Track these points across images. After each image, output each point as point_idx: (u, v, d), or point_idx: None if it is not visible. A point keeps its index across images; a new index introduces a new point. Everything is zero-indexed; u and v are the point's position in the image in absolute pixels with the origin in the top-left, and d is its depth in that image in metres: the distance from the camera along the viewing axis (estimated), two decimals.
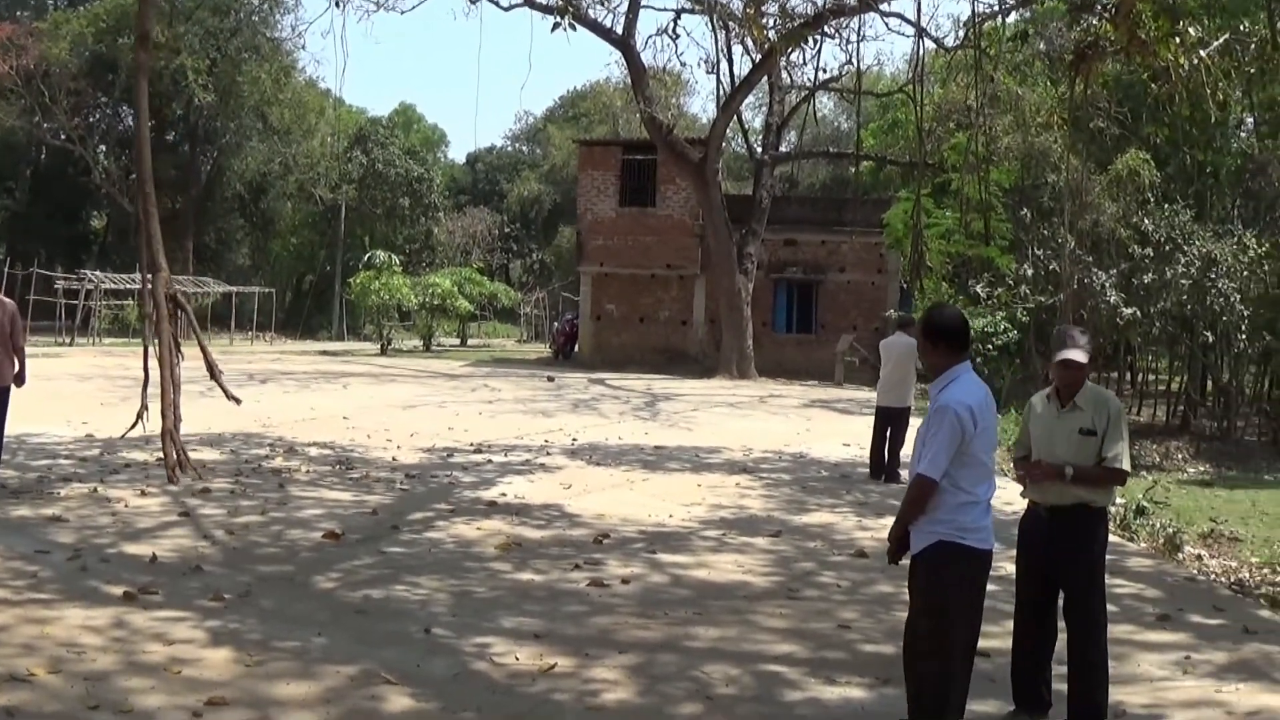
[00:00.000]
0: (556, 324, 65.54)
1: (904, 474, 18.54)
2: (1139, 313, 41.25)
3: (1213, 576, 17.10)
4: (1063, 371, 8.58)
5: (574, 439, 25.59)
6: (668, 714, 8.33)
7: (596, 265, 53.86)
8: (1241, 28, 23.02)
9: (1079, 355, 8.53)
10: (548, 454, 22.91)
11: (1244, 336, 44.76)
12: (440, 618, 10.57)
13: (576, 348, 56.53)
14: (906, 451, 18.41)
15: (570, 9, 33.65)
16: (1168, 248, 42.25)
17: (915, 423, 14.24)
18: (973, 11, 31.65)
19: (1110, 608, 12.59)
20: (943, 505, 7.38)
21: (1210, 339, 45.41)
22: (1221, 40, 22.69)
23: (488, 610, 10.90)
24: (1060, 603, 8.71)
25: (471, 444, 23.91)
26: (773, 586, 12.55)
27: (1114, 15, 19.19)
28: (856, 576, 13.22)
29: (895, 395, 21.55)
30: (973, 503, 7.42)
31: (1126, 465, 8.48)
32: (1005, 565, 10.12)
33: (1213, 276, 42.24)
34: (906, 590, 7.75)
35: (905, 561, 7.65)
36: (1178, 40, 20.54)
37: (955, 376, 7.57)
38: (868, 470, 21.65)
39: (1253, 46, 21.32)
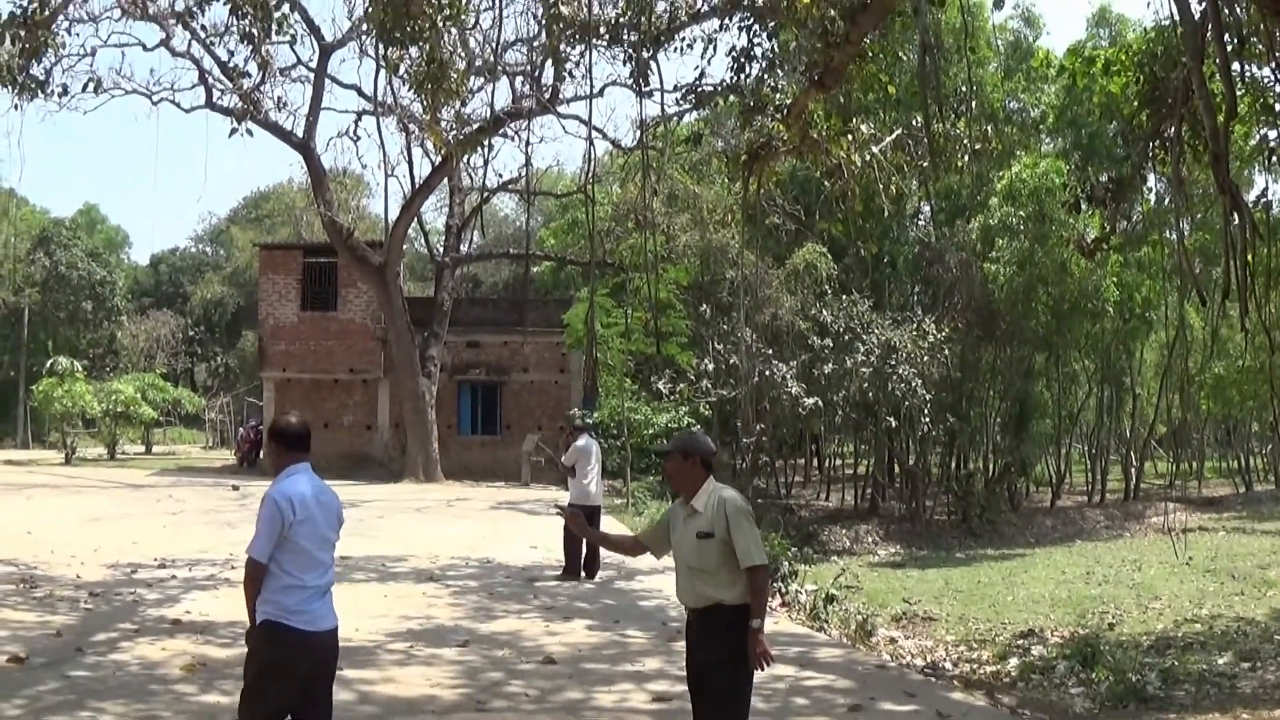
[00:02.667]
0: (241, 430, 64.01)
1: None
2: (820, 402, 41.72)
3: (907, 660, 17.09)
4: (664, 466, 9.03)
5: None
6: None
7: (279, 370, 52.74)
8: (914, 122, 23.35)
9: (674, 452, 8.70)
10: (232, 568, 21.89)
11: (928, 419, 45.69)
12: None
13: (262, 454, 55.19)
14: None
15: (249, 114, 32.86)
16: (847, 337, 42.96)
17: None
18: (640, 113, 31.74)
19: (800, 700, 12.36)
20: (269, 587, 8.11)
21: (894, 423, 46.28)
22: (893, 136, 22.99)
23: None
24: None
25: (156, 559, 23.07)
26: (461, 699, 12.31)
27: (786, 116, 19.22)
28: (545, 684, 13.04)
29: (598, 494, 22.49)
30: (298, 587, 8.13)
31: (759, 559, 8.35)
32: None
33: (893, 363, 43.04)
34: (596, 695, 7.80)
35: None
36: (850, 138, 20.75)
37: (291, 473, 8.42)
38: (558, 573, 21.94)
39: (925, 139, 21.58)
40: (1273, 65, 12.72)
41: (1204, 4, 10.79)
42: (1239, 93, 16.05)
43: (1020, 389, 53.60)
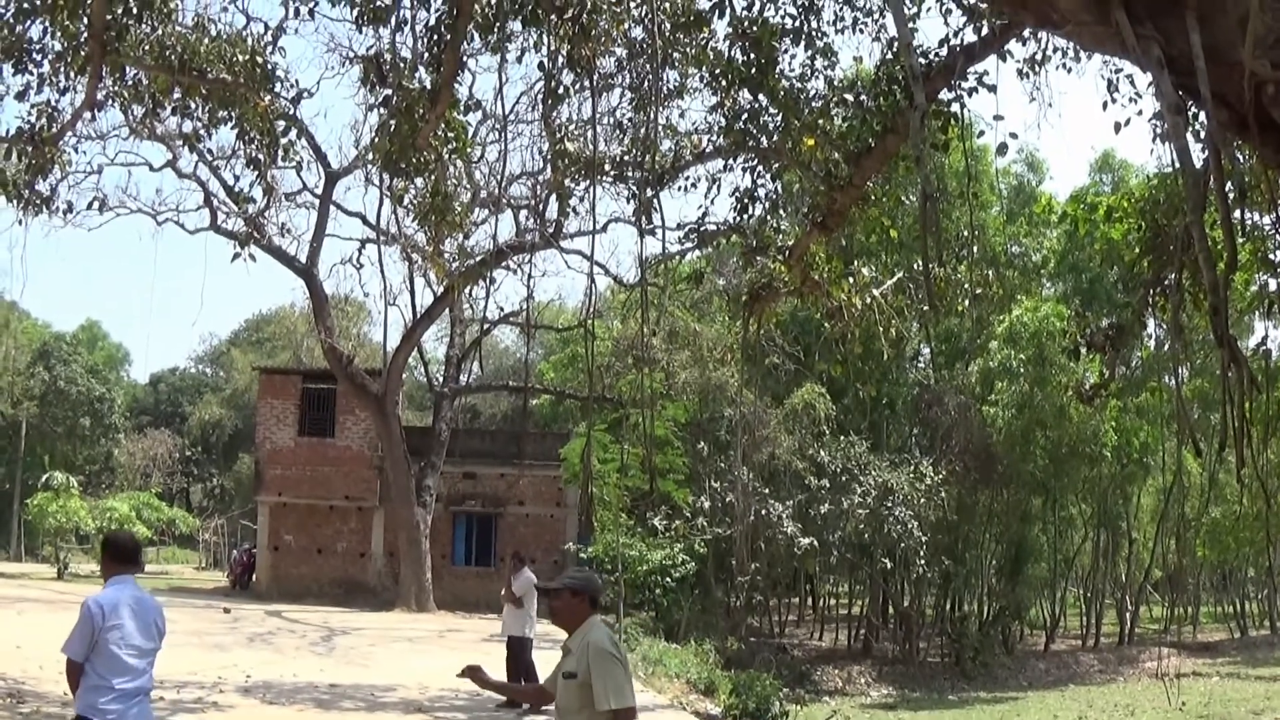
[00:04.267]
0: (235, 553, 63.72)
1: None
2: (816, 542, 41.66)
3: None
4: (550, 603, 8.82)
5: (248, 676, 24.51)
6: None
7: (275, 495, 52.51)
8: (915, 265, 23.49)
9: (563, 589, 8.65)
10: (220, 691, 21.98)
11: (923, 561, 45.60)
12: None
13: (255, 578, 54.87)
14: None
15: (252, 239, 33.02)
16: (844, 478, 42.98)
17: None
18: (641, 250, 31.89)
19: None
20: (83, 685, 8.90)
21: (889, 564, 46.18)
22: (894, 279, 23.09)
23: None
24: None
25: None
26: None
27: (788, 257, 19.31)
28: None
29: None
30: (106, 688, 8.85)
31: (617, 703, 8.18)
32: None
33: (890, 504, 43.02)
34: None
35: None
36: (850, 280, 20.84)
37: (114, 583, 9.26)
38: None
39: (925, 283, 21.68)
40: (1274, 216, 12.83)
41: (1206, 153, 10.90)
42: (1240, 241, 16.22)
43: (1016, 532, 53.61)
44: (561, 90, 19.03)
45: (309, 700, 21.72)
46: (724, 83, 18.16)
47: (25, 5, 18.33)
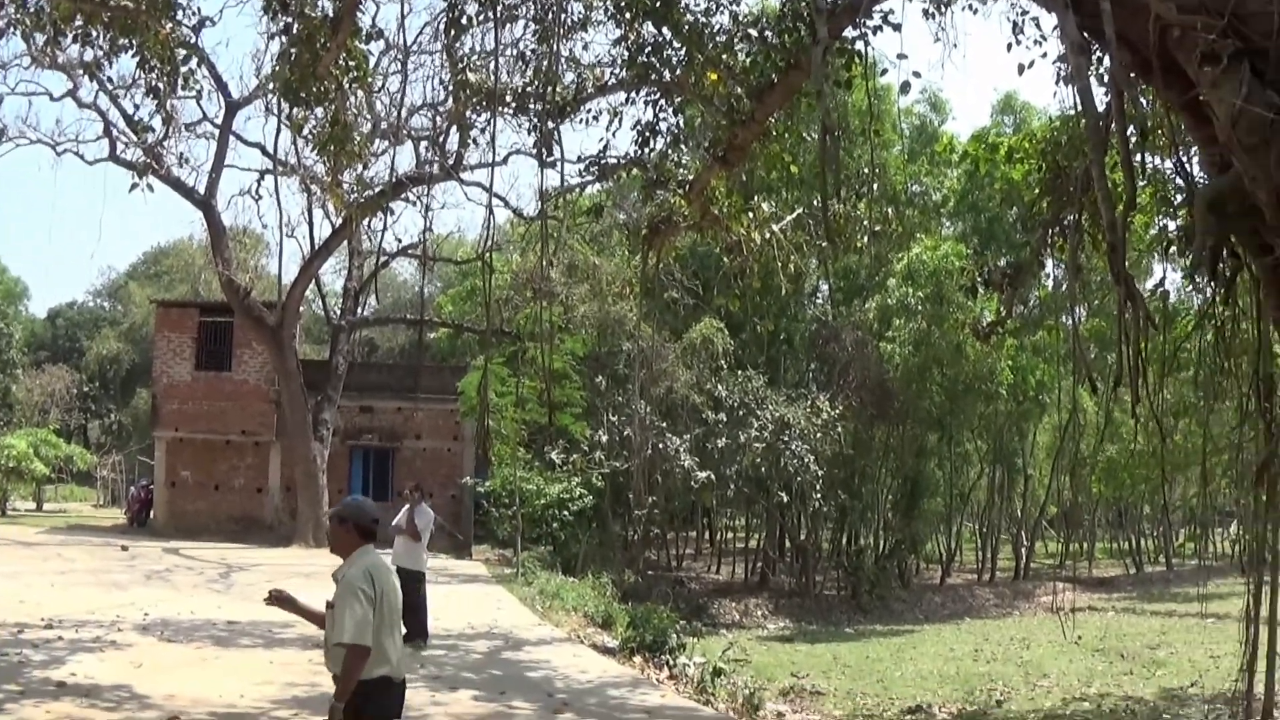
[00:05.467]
0: (132, 489, 62.99)
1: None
2: (713, 475, 41.77)
3: None
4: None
5: (146, 614, 24.24)
6: None
7: (171, 430, 51.99)
8: (815, 201, 23.48)
9: (333, 516, 8.87)
10: (119, 629, 21.77)
11: (819, 495, 45.87)
12: None
13: (152, 514, 54.36)
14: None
15: (150, 169, 32.49)
16: (741, 412, 43.05)
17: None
18: (541, 182, 31.70)
19: None
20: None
21: (786, 498, 46.38)
22: (794, 215, 23.09)
23: None
24: None
25: (43, 619, 22.47)
26: None
27: (688, 192, 19.24)
28: None
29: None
30: None
31: (349, 638, 8.21)
32: None
33: (787, 438, 43.15)
34: None
35: None
36: (750, 215, 20.80)
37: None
38: (425, 640, 21.70)
39: (825, 219, 21.67)
40: (1174, 158, 12.91)
41: (1109, 95, 10.94)
42: (1140, 184, 16.32)
43: (912, 467, 54.01)
44: (464, 20, 18.84)
45: (207, 638, 21.51)
46: (628, 15, 18.02)
47: None
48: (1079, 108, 11.24)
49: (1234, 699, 20.07)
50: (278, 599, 8.82)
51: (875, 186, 27.07)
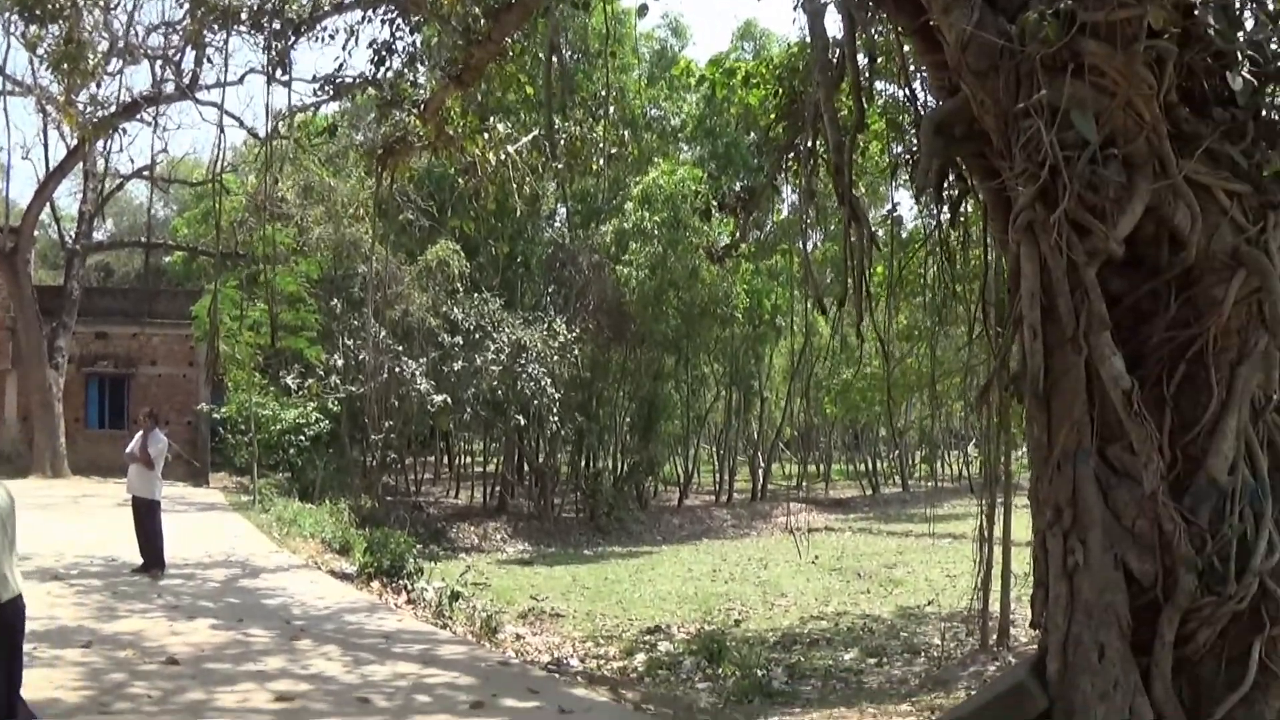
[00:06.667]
0: None
1: None
2: (450, 399, 41.61)
3: (532, 657, 17.09)
4: None
5: None
6: None
7: None
8: (553, 123, 23.38)
9: None
10: None
11: (557, 418, 45.96)
12: None
13: None
14: None
15: None
16: (478, 335, 42.86)
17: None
18: (268, 100, 31.19)
19: (423, 698, 12.26)
20: None
21: (524, 421, 46.42)
22: (530, 136, 22.97)
23: None
24: None
25: None
26: (84, 702, 11.83)
27: (424, 111, 19.02)
28: (168, 685, 12.65)
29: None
30: None
31: None
32: None
33: (523, 361, 43.11)
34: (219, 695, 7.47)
35: None
36: (485, 136, 20.65)
37: None
38: (161, 570, 21.20)
39: (563, 142, 21.61)
40: (904, 84, 13.12)
41: (842, 20, 11.04)
42: (877, 112, 16.59)
43: (650, 390, 54.37)
44: None
45: None
46: None
47: None
48: (810, 32, 11.36)
49: (970, 617, 20.63)
50: None
51: (612, 110, 27.06)
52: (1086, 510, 7.10)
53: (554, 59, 15.80)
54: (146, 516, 21.15)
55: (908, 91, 13.31)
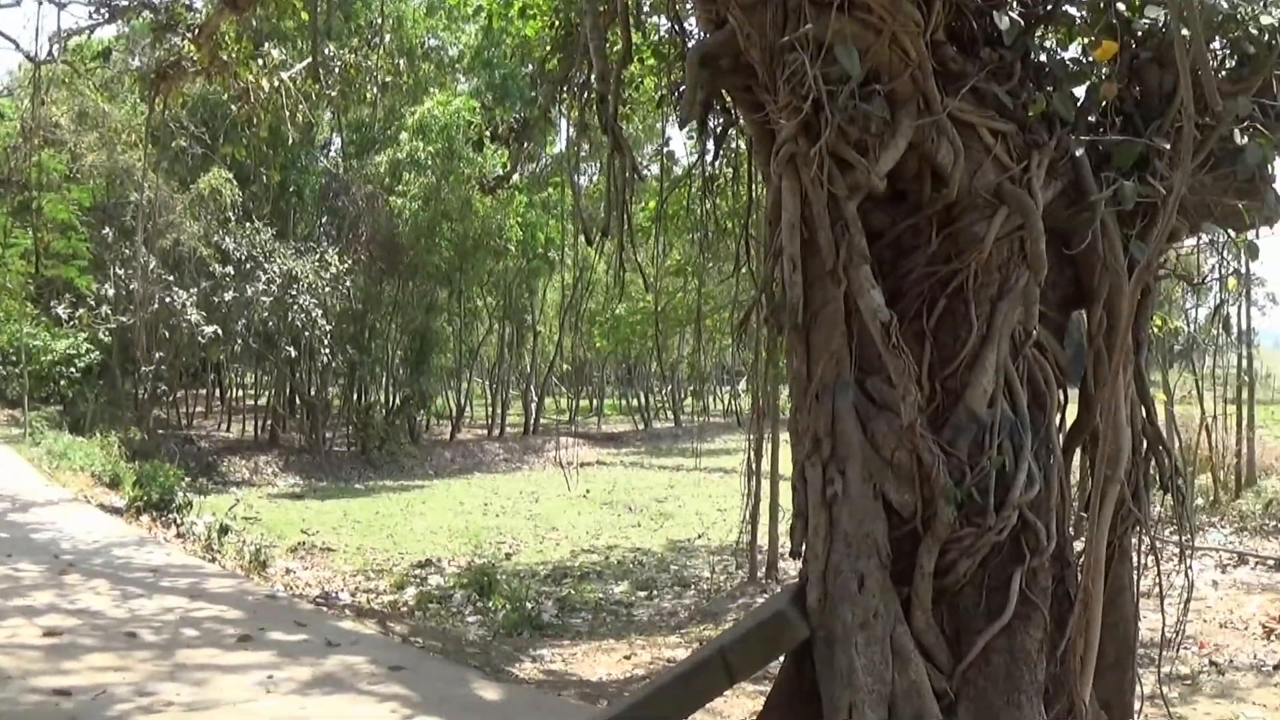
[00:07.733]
0: None
1: None
2: (220, 330, 41.08)
3: (301, 590, 17.04)
4: None
5: None
6: None
7: None
8: (329, 51, 23.11)
9: None
10: None
11: (328, 350, 45.60)
12: None
13: None
14: None
15: None
16: (249, 265, 42.31)
17: None
18: (38, 22, 30.39)
19: (190, 632, 12.15)
20: None
21: (295, 354, 45.95)
22: (305, 63, 22.68)
23: None
24: None
25: None
26: None
27: (198, 36, 18.66)
28: None
29: None
30: None
31: None
32: None
33: (295, 293, 42.66)
34: None
35: None
36: (260, 62, 20.34)
37: None
38: None
39: (337, 70, 21.40)
40: (674, 19, 13.19)
41: None
42: (648, 45, 16.64)
43: (422, 323, 54.16)
44: None
45: None
46: None
47: None
48: None
49: (739, 550, 20.96)
50: None
51: (388, 38, 26.89)
52: (845, 441, 7.22)
53: None
54: None
55: (677, 25, 13.37)
